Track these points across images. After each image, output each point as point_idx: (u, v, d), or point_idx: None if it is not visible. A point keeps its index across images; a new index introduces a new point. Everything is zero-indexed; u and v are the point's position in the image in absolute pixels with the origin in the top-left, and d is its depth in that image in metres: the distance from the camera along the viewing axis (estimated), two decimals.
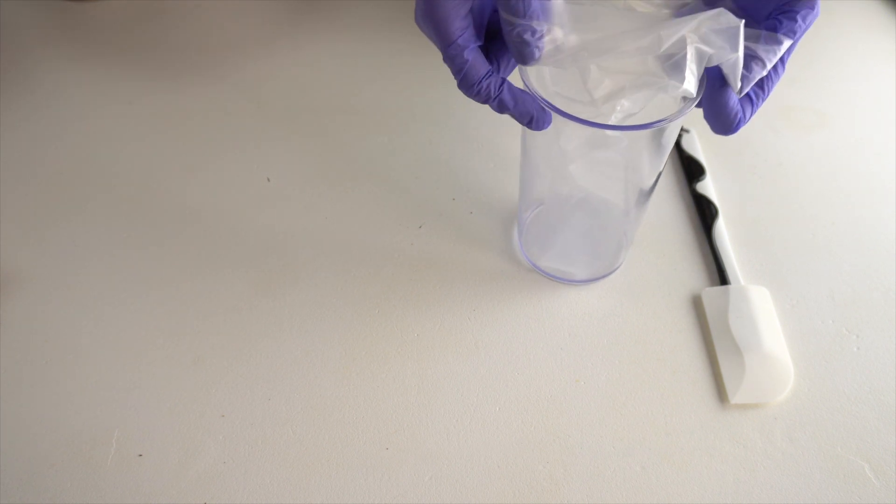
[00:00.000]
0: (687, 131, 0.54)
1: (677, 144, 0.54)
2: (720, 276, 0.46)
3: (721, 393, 0.42)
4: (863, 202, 0.51)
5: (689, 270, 0.47)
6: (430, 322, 0.45)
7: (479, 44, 0.31)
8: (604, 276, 0.47)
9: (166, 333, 0.44)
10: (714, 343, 0.43)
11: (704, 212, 0.49)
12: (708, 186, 0.51)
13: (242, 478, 0.39)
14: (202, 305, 0.46)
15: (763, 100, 0.33)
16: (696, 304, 0.46)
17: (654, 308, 0.45)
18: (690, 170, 0.52)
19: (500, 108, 0.32)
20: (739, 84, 0.30)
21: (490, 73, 0.31)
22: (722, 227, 0.48)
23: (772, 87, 0.33)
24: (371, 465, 0.39)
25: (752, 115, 0.32)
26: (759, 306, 0.44)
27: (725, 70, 0.30)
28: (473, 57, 0.31)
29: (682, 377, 0.42)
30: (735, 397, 0.41)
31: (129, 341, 0.44)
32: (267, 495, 0.38)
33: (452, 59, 0.31)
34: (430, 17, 0.30)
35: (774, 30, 0.31)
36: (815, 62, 0.61)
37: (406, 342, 0.44)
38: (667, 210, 0.50)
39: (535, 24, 0.29)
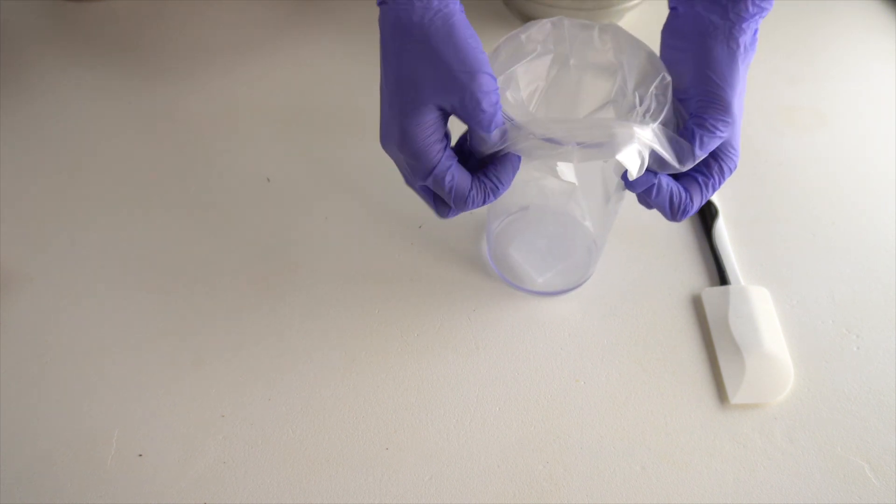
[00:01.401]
0: None
1: None
2: (720, 276, 0.46)
3: (721, 393, 0.42)
4: (863, 202, 0.51)
5: (689, 270, 0.47)
6: (430, 322, 0.45)
7: (456, 159, 0.33)
8: (576, 287, 0.46)
9: (166, 333, 0.44)
10: (714, 343, 0.43)
11: (704, 212, 0.49)
12: None
13: (242, 478, 0.39)
14: (202, 305, 0.45)
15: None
16: (696, 304, 0.46)
17: (654, 308, 0.45)
18: None
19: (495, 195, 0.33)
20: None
21: (472, 182, 0.33)
22: (722, 227, 0.49)
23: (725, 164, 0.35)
24: (371, 465, 0.39)
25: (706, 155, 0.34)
26: (759, 306, 0.44)
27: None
28: (459, 174, 0.32)
29: (682, 377, 0.42)
30: (735, 397, 0.41)
31: (129, 341, 0.44)
32: (267, 495, 0.38)
33: (441, 180, 0.32)
34: (408, 147, 0.32)
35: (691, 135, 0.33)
36: (815, 62, 0.61)
37: (406, 342, 0.44)
38: None
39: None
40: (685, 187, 0.34)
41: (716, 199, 0.50)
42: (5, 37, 0.62)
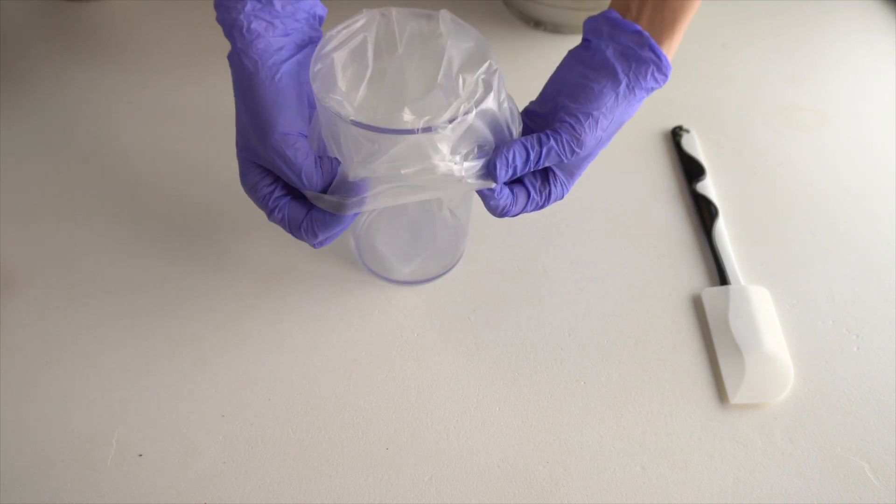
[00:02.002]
0: (687, 131, 0.54)
1: (677, 145, 0.53)
2: (720, 276, 0.46)
3: (721, 393, 0.42)
4: (863, 202, 0.51)
5: (689, 270, 0.47)
6: (429, 322, 0.45)
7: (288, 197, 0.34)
8: (447, 272, 0.47)
9: (167, 333, 0.44)
10: (714, 343, 0.43)
11: (704, 212, 0.49)
12: (708, 186, 0.51)
13: (242, 478, 0.39)
14: (203, 305, 0.45)
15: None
16: (696, 304, 0.46)
17: (654, 308, 0.45)
18: (690, 170, 0.52)
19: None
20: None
21: (305, 214, 0.33)
22: (722, 227, 0.48)
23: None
24: (371, 465, 0.39)
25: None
26: (759, 306, 0.44)
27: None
28: (289, 207, 0.33)
29: (682, 377, 0.42)
30: (735, 397, 0.41)
31: (129, 341, 0.44)
32: (267, 495, 0.38)
33: (278, 221, 0.33)
34: (251, 196, 0.34)
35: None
36: (816, 62, 0.61)
37: (406, 342, 0.44)
38: (667, 210, 0.50)
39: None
40: (514, 191, 0.35)
41: (716, 198, 0.50)
42: (5, 37, 0.62)
